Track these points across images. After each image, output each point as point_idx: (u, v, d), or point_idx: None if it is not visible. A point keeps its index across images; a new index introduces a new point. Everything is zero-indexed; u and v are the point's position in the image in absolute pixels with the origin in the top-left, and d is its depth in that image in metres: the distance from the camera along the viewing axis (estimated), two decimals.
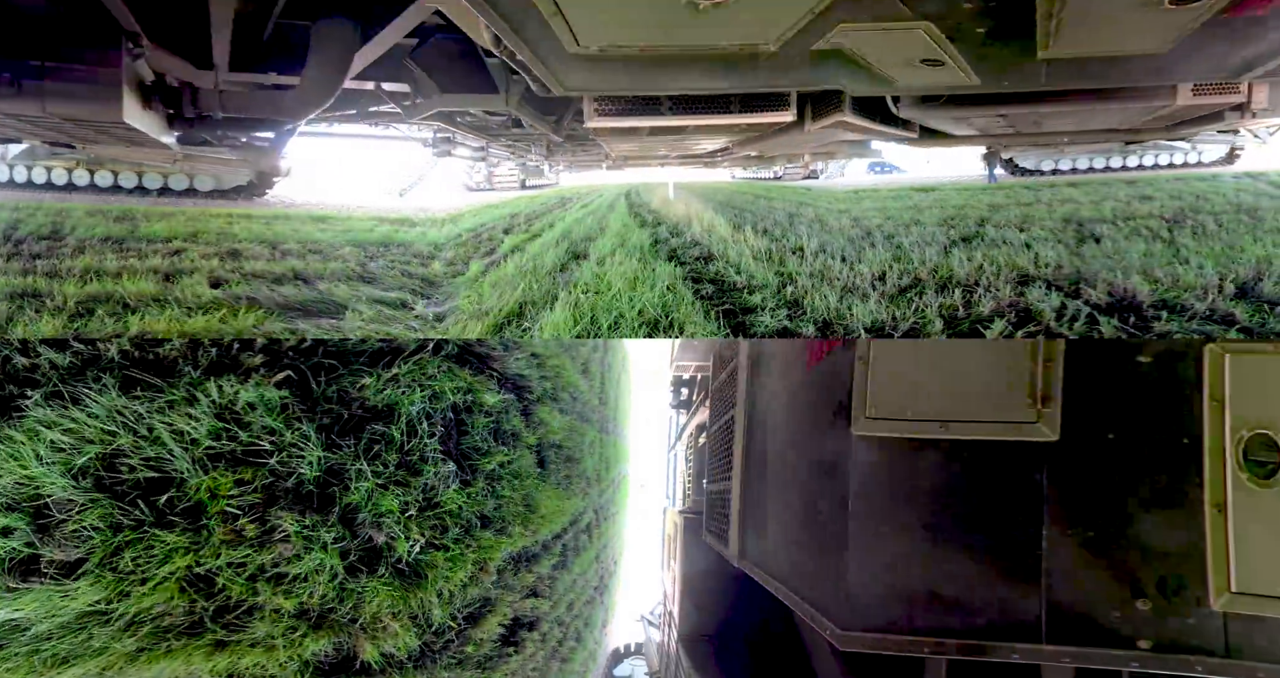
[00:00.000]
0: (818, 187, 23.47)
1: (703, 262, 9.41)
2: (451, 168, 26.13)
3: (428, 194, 24.60)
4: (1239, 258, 7.87)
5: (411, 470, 2.87)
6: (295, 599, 2.56)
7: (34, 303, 6.83)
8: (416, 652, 3.14)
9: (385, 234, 13.19)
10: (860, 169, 28.08)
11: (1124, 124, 8.32)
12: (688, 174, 24.82)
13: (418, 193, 24.73)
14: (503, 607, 4.33)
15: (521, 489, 4.01)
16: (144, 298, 7.20)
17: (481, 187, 27.23)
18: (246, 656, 2.53)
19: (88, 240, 10.55)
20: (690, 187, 24.29)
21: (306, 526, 2.62)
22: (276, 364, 2.85)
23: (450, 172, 26.98)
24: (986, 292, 6.83)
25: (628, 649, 16.32)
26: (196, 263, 9.45)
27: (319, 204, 17.84)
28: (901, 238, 10.53)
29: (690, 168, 18.13)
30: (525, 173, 26.72)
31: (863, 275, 7.77)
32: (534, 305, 7.22)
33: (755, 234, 11.32)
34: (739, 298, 7.33)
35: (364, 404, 2.89)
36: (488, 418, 3.51)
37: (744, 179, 28.15)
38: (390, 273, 9.61)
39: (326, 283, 8.57)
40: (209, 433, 2.62)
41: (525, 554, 5.12)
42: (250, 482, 2.66)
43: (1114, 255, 8.50)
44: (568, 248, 10.93)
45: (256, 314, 6.84)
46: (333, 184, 24.24)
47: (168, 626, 2.49)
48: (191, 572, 2.52)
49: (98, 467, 2.58)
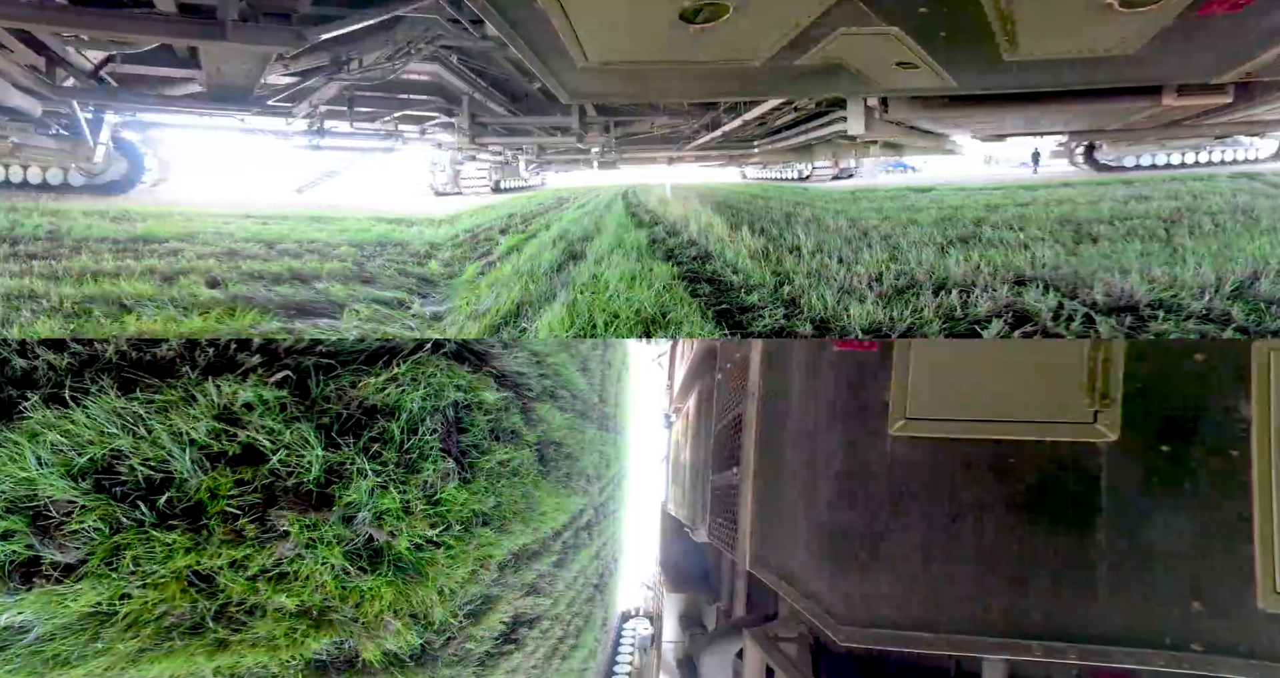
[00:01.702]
0: (815, 187, 23.50)
1: (700, 261, 9.42)
2: (413, 169, 24.51)
3: (341, 192, 22.56)
4: (1236, 257, 7.89)
5: (411, 469, 2.87)
6: (297, 598, 2.56)
7: (30, 304, 6.82)
8: (418, 650, 3.14)
9: (383, 233, 13.18)
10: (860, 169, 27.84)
11: (1107, 125, 8.34)
12: (689, 175, 24.72)
13: (321, 190, 22.62)
14: (503, 604, 4.33)
15: (521, 487, 4.01)
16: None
17: (449, 189, 24.54)
18: (249, 655, 2.53)
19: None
20: (687, 187, 24.31)
21: (307, 525, 2.62)
22: (274, 364, 2.85)
23: (411, 173, 24.98)
24: (984, 292, 6.84)
25: (635, 612, 19.00)
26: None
27: (184, 202, 17.11)
28: (898, 238, 10.55)
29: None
30: (502, 174, 23.95)
31: (859, 276, 7.78)
32: (531, 306, 7.23)
33: (752, 234, 11.33)
34: (736, 297, 7.33)
35: (363, 403, 2.89)
36: (487, 416, 3.51)
37: (757, 179, 27.34)
38: (387, 272, 9.61)
39: (324, 282, 8.56)
40: (208, 433, 2.62)
41: (526, 552, 5.12)
42: (250, 481, 2.66)
43: (1111, 255, 8.53)
44: (565, 248, 10.93)
45: (252, 314, 6.83)
46: (231, 180, 23.41)
47: (169, 626, 2.49)
48: (193, 572, 2.52)
49: (97, 468, 2.58)
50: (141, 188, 17.66)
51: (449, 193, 24.46)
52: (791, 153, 15.43)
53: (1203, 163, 20.46)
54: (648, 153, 16.09)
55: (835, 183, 25.26)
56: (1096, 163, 20.94)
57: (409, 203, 21.52)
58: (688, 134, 13.99)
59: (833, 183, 25.27)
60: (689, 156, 16.21)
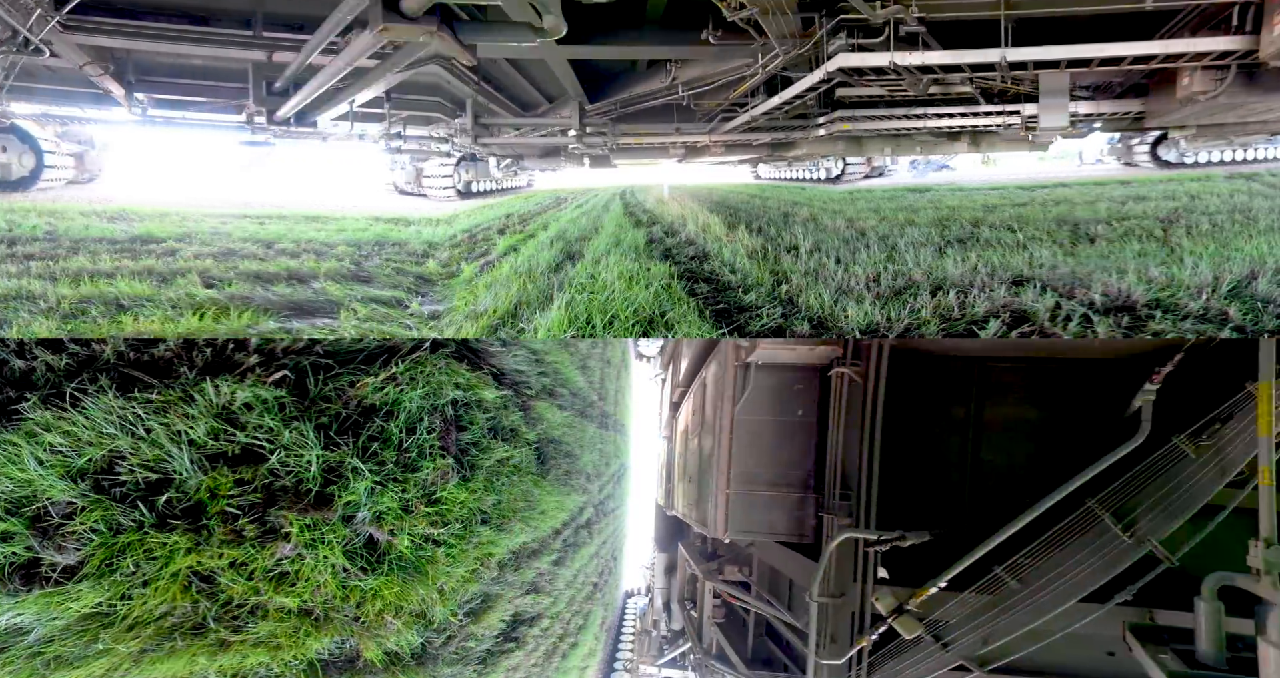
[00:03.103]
0: (812, 188, 23.44)
1: (697, 260, 9.42)
2: (374, 169, 22.43)
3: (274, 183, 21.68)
4: (1234, 257, 7.91)
5: (410, 467, 2.87)
6: (298, 598, 2.56)
7: (27, 305, 6.79)
8: (419, 649, 3.14)
9: (380, 232, 13.14)
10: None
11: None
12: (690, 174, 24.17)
13: (258, 175, 21.87)
14: (504, 602, 4.33)
15: (521, 485, 4.01)
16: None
17: (412, 189, 21.81)
18: (251, 656, 2.53)
19: None
20: (685, 188, 24.27)
21: (307, 524, 2.62)
22: (272, 364, 2.84)
23: (371, 172, 22.80)
24: (981, 292, 6.85)
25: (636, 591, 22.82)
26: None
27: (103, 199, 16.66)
28: (896, 239, 10.56)
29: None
30: (474, 173, 21.00)
31: (857, 277, 7.77)
32: (529, 306, 7.20)
33: (750, 233, 11.33)
34: (733, 296, 7.33)
35: (361, 402, 2.88)
36: (487, 414, 3.51)
37: (770, 180, 25.98)
38: (384, 271, 9.58)
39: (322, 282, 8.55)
40: (207, 433, 2.61)
41: (526, 550, 5.12)
42: (250, 481, 2.65)
43: (1109, 255, 8.54)
44: (562, 248, 10.91)
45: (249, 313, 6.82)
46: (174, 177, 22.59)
47: (171, 626, 2.49)
48: (194, 572, 2.51)
49: (96, 469, 2.58)
50: (53, 184, 17.28)
51: (412, 193, 21.91)
52: (846, 145, 13.47)
53: (1264, 159, 19.78)
54: (657, 138, 14.01)
55: (867, 182, 23.68)
56: (1158, 158, 20.21)
57: (371, 202, 20.24)
58: (717, 113, 12.33)
59: (864, 182, 23.65)
60: (715, 147, 14.44)
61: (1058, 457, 4.69)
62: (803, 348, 5.35)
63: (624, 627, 20.24)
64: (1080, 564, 4.16)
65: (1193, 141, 18.58)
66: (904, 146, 13.42)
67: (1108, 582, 4.13)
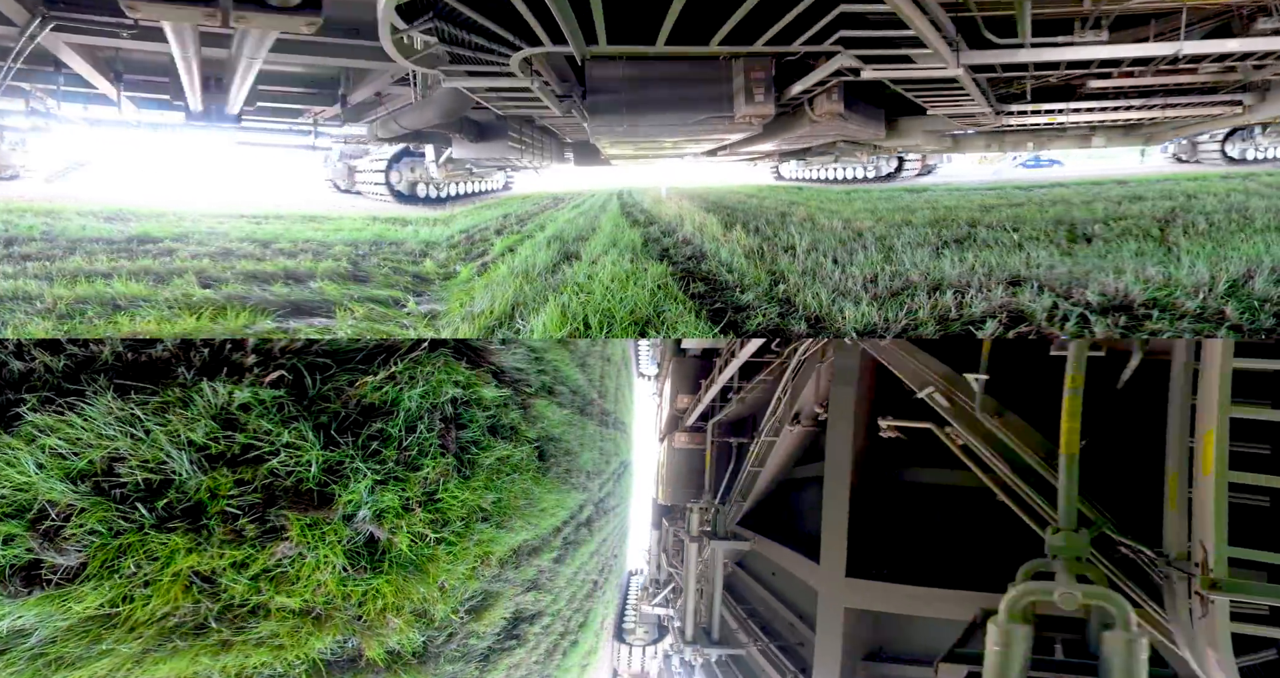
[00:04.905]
0: (809, 188, 23.43)
1: (694, 260, 9.41)
2: (315, 167, 20.94)
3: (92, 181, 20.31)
4: (1230, 256, 7.92)
5: (411, 466, 2.88)
6: (299, 598, 2.56)
7: (24, 306, 6.77)
8: (420, 647, 3.14)
9: (377, 232, 13.11)
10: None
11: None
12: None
13: (74, 179, 20.27)
14: (504, 600, 4.34)
15: (521, 483, 4.02)
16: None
17: (349, 188, 20.10)
18: (253, 655, 2.52)
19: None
20: (683, 188, 24.26)
21: (308, 524, 2.62)
22: (270, 364, 2.85)
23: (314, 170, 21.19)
24: (979, 293, 6.85)
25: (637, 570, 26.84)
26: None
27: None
28: (893, 239, 10.56)
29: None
30: (418, 176, 18.28)
31: (854, 277, 7.77)
32: (526, 307, 7.18)
33: (746, 233, 11.33)
34: (731, 296, 7.33)
35: (361, 401, 2.89)
36: (486, 412, 3.52)
37: (793, 180, 25.26)
38: (382, 271, 9.56)
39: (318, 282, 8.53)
40: (206, 434, 2.61)
41: (526, 548, 5.12)
42: (250, 481, 2.65)
43: (1106, 255, 8.55)
44: (559, 248, 10.89)
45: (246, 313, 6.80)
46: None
47: (172, 627, 2.48)
48: (195, 573, 2.51)
49: (96, 471, 2.57)
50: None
51: (349, 191, 20.42)
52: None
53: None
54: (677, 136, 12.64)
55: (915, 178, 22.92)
56: (1224, 154, 19.78)
57: (304, 199, 19.31)
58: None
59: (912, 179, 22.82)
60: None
61: None
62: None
63: (627, 601, 24.26)
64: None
65: (1268, 137, 18.42)
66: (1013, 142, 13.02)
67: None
